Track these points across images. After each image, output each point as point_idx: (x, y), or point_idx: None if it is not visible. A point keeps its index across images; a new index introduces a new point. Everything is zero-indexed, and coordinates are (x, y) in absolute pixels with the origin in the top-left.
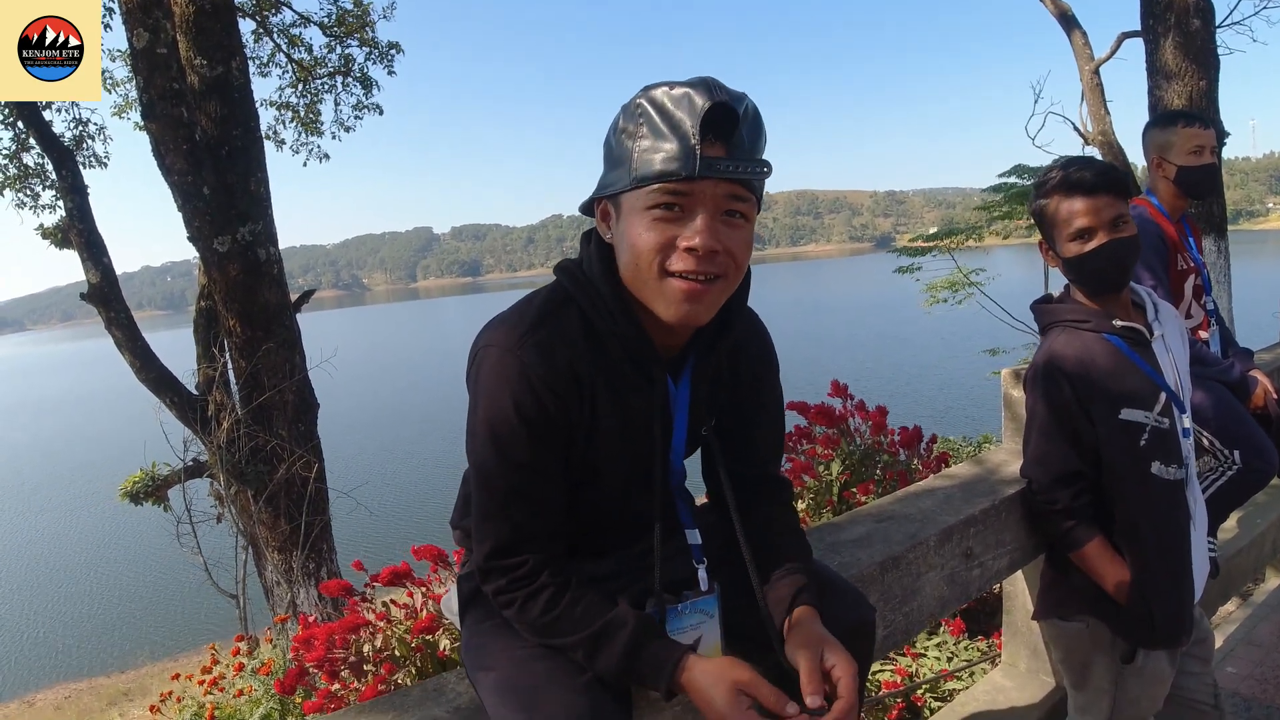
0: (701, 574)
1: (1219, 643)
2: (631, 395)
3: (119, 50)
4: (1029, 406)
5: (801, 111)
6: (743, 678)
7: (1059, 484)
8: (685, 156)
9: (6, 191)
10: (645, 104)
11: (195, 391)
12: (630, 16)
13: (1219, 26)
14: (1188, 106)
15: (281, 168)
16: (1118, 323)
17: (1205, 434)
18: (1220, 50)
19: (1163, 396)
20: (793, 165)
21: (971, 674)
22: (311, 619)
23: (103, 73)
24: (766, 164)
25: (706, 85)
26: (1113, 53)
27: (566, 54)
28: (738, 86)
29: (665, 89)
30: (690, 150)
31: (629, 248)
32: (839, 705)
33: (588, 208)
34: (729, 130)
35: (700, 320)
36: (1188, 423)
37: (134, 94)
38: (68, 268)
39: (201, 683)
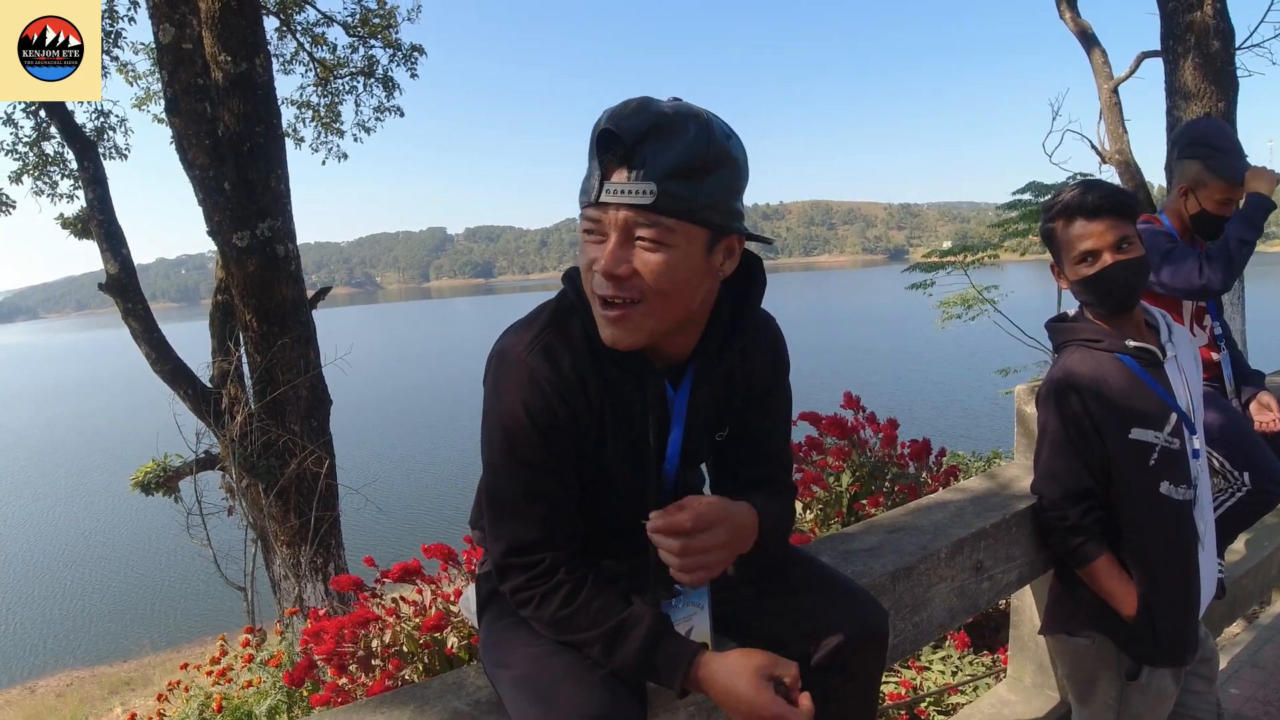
0: None
1: (1223, 664)
2: (629, 403)
3: (143, 44)
4: (1041, 423)
5: (817, 121)
6: (761, 662)
7: (1068, 500)
8: (592, 182)
9: (25, 179)
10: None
11: (209, 384)
12: (646, 24)
13: (1238, 48)
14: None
15: (297, 164)
16: (1130, 343)
17: (1215, 455)
18: (1239, 72)
19: (1173, 417)
20: (807, 175)
21: (976, 688)
22: (321, 613)
23: (125, 66)
24: (651, 188)
25: (612, 110)
26: (1132, 72)
27: (584, 59)
28: (753, 96)
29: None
30: (593, 175)
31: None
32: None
33: None
34: (625, 154)
35: (627, 343)
36: (1198, 444)
37: (156, 87)
38: (83, 258)
39: (209, 673)
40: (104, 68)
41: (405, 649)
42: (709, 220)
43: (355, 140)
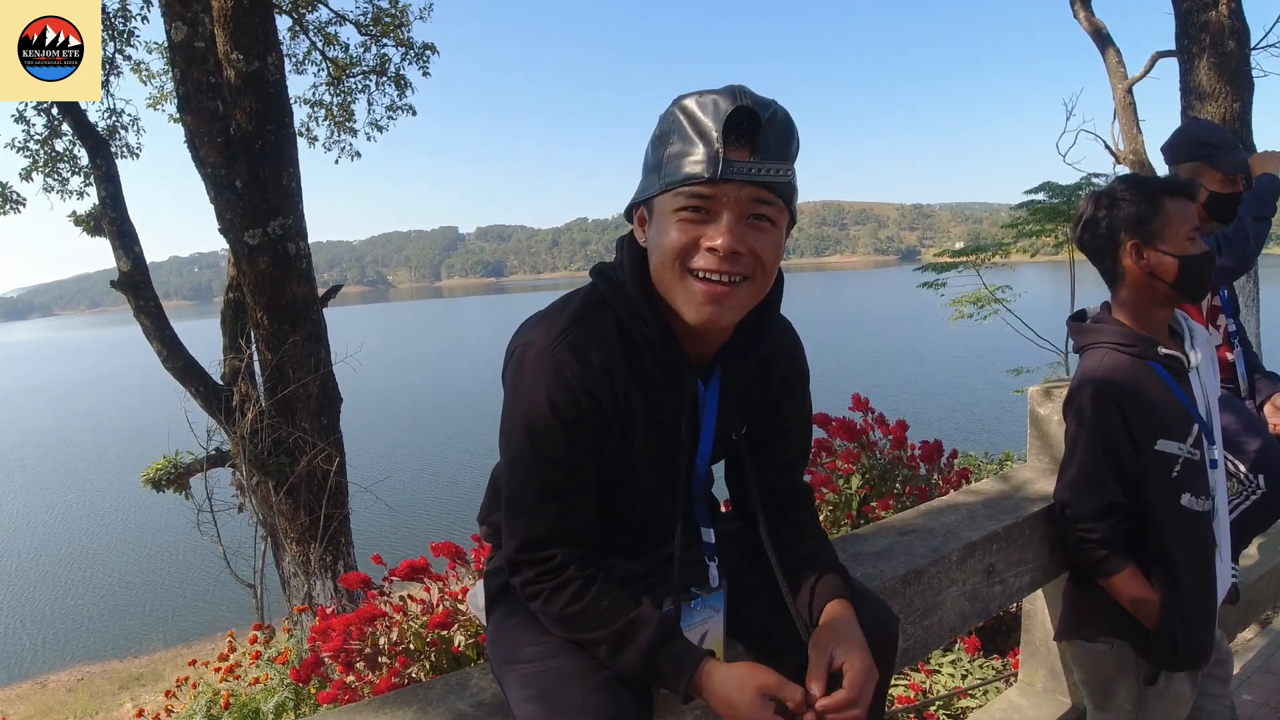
0: (712, 571)
1: (1236, 669)
2: (661, 398)
3: (156, 43)
4: (1071, 431)
5: (830, 123)
6: (767, 681)
7: (1099, 515)
8: (710, 160)
9: (35, 176)
10: (677, 112)
11: (221, 382)
12: (659, 29)
13: (1253, 49)
14: (1229, 134)
15: (309, 162)
16: (1162, 350)
17: (1230, 459)
18: (1255, 72)
19: (1195, 428)
20: (820, 176)
21: (986, 692)
22: (329, 610)
23: (139, 65)
24: (788, 166)
25: (732, 92)
26: (1146, 72)
27: (594, 61)
28: (767, 96)
29: (695, 97)
30: (714, 154)
31: (656, 248)
32: (837, 694)
33: (630, 215)
34: (752, 134)
35: (724, 322)
36: (1216, 453)
37: (169, 86)
38: (97, 255)
39: (218, 670)
40: (117, 66)
41: (412, 647)
42: (793, 205)
43: (368, 139)
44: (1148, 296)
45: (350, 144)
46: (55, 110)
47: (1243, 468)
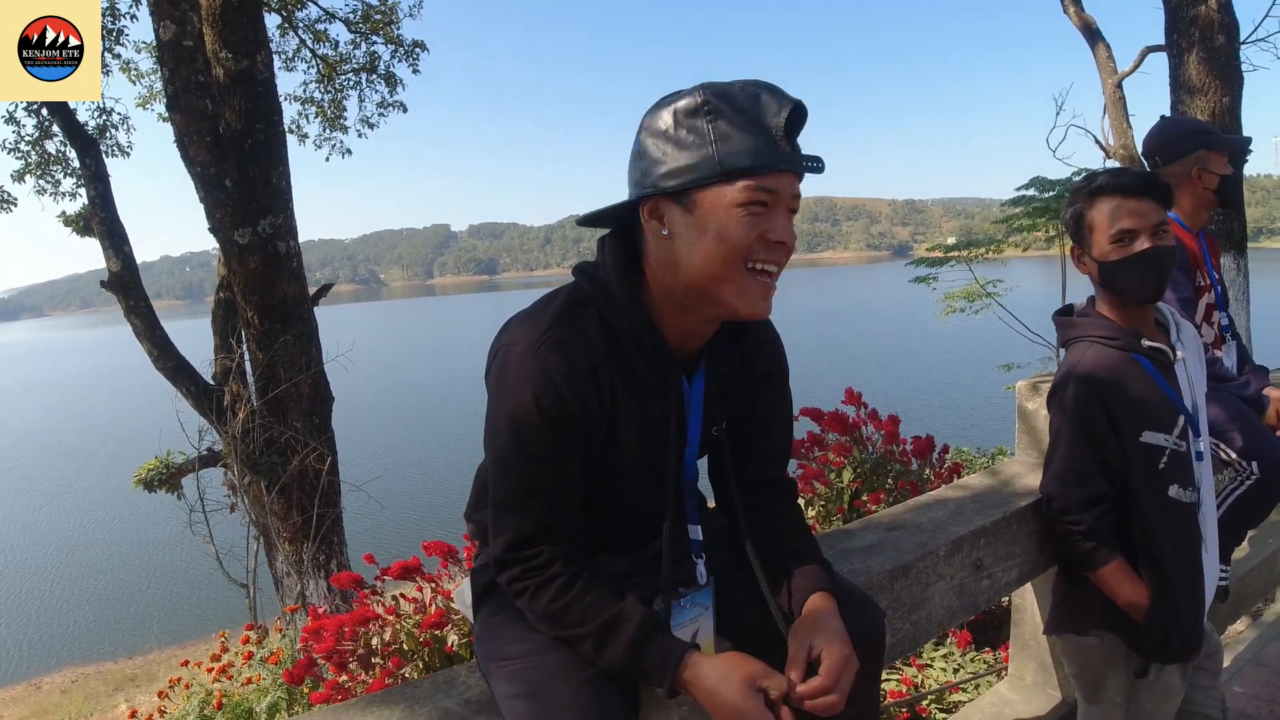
0: (700, 567)
1: (1227, 661)
2: (648, 395)
3: (145, 42)
4: (1055, 424)
5: (822, 118)
6: (753, 671)
7: (1084, 506)
8: (776, 153)
9: (27, 178)
10: (717, 101)
11: (212, 382)
12: (655, 27)
13: (1243, 43)
14: (1211, 122)
15: (301, 161)
16: (1146, 343)
17: (1222, 447)
18: (1244, 66)
19: (1181, 420)
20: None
21: (977, 686)
22: (321, 610)
23: (128, 64)
24: (821, 159)
25: (772, 87)
26: (1136, 66)
27: (587, 55)
28: None
29: (737, 88)
30: (779, 146)
31: (716, 242)
32: (813, 681)
33: (615, 215)
34: (798, 130)
35: (768, 314)
36: (1202, 446)
37: (158, 85)
38: (88, 255)
39: (210, 670)
40: (106, 66)
41: (405, 647)
42: None
43: (359, 136)
44: (1111, 291)
45: (341, 141)
46: (45, 111)
47: (1234, 454)
